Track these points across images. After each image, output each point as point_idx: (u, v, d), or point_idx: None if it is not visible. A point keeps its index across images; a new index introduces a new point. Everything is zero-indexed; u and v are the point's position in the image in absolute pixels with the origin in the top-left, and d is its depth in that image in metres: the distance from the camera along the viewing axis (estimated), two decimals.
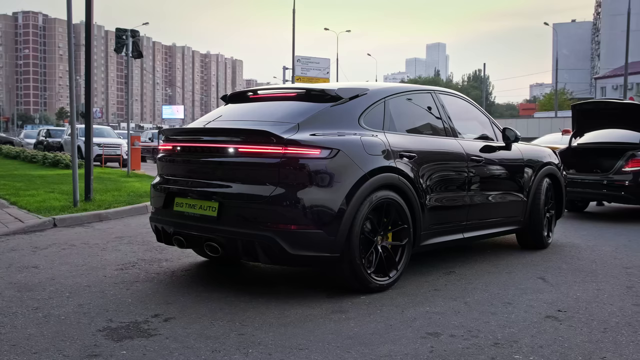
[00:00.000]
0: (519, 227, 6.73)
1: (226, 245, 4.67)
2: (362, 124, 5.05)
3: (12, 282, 5.00)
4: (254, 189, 4.56)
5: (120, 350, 3.49)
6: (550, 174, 7.18)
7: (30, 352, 3.45)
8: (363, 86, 5.44)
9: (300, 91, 5.27)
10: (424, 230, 5.34)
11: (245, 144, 4.64)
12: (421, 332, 3.92)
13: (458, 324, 4.10)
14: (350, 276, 4.74)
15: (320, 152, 4.55)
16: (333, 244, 4.56)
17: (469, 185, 5.92)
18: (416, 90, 5.97)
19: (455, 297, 4.77)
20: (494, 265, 5.97)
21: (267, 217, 4.50)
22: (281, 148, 4.48)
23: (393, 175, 5.00)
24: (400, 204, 5.03)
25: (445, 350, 3.59)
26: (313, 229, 4.50)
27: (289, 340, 3.73)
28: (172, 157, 5.24)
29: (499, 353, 3.56)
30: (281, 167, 4.48)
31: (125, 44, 17.65)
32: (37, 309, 4.29)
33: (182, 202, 5.00)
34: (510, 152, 6.59)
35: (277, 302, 4.55)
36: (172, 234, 5.02)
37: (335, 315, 4.25)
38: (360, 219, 4.67)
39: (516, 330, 3.97)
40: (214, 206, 4.73)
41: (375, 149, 4.94)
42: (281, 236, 4.44)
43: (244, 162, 4.64)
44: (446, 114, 6.01)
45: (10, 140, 36.71)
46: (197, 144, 5.02)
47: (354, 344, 3.68)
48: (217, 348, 3.56)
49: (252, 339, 3.73)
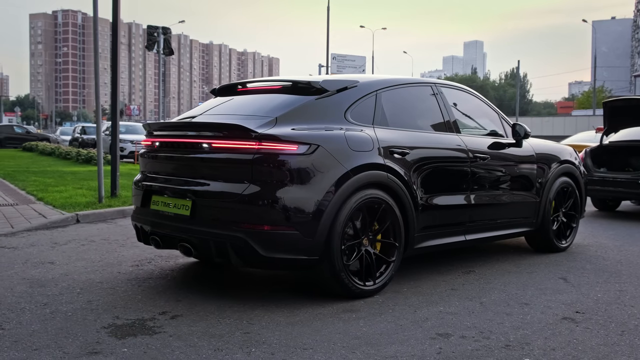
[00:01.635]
0: (531, 229, 6.29)
1: (199, 247, 4.45)
2: (349, 118, 4.75)
3: (25, 278, 5.03)
4: (226, 186, 4.31)
5: (122, 348, 3.46)
6: (566, 172, 6.71)
7: (31, 348, 3.44)
8: (353, 78, 5.13)
9: (286, 84, 4.99)
10: (418, 232, 5.02)
11: (219, 139, 4.42)
12: (431, 332, 3.82)
13: (471, 324, 3.99)
14: (331, 281, 4.46)
15: (297, 148, 4.27)
16: (311, 246, 4.29)
17: (472, 185, 5.55)
18: (414, 82, 5.62)
19: (471, 297, 4.65)
20: (515, 265, 5.82)
21: (238, 216, 4.25)
22: (255, 143, 4.23)
23: (381, 173, 4.69)
24: (390, 203, 4.73)
25: (453, 352, 3.49)
26: (288, 230, 4.23)
27: (295, 339, 3.66)
28: (151, 153, 5.03)
29: (509, 355, 3.44)
30: (254, 163, 4.22)
31: (157, 41, 17.81)
32: (45, 305, 4.30)
33: (158, 201, 4.80)
34: (521, 149, 6.16)
35: (288, 300, 4.49)
36: (149, 233, 4.82)
37: (346, 315, 4.17)
38: (342, 220, 4.39)
39: (529, 332, 3.85)
40: (187, 205, 4.50)
41: (361, 145, 4.63)
42: (253, 237, 4.18)
43: (217, 158, 4.42)
44: (447, 109, 5.64)
45: (46, 137, 37.33)
46: (173, 140, 4.83)
47: (361, 344, 3.60)
48: (220, 347, 3.51)
49: (257, 338, 3.67)
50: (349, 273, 4.47)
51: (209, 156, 4.46)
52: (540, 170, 6.34)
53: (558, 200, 6.61)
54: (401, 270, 5.43)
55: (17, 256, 5.88)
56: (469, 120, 6.07)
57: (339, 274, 4.41)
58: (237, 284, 4.99)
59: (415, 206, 4.94)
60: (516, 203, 6.08)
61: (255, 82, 5.37)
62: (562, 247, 6.55)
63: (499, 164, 5.88)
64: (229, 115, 4.82)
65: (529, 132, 6.15)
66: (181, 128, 4.95)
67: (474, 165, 5.56)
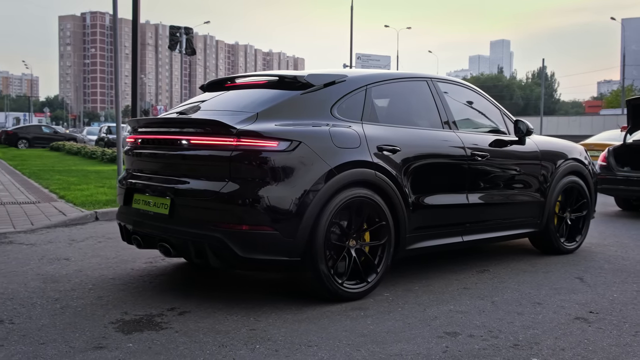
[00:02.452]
0: (535, 229, 6.03)
1: (177, 247, 4.34)
2: (336, 113, 4.57)
3: (40, 274, 5.08)
4: (204, 184, 4.18)
5: (127, 343, 3.47)
6: (574, 171, 6.41)
7: (38, 342, 3.47)
8: (342, 72, 4.94)
9: (273, 78, 4.83)
10: (410, 233, 4.82)
11: (197, 136, 4.28)
12: (439, 331, 3.78)
13: (480, 323, 3.94)
14: (315, 283, 4.29)
15: (277, 145, 4.11)
16: (292, 247, 4.13)
17: (470, 184, 5.34)
18: (407, 77, 5.41)
19: (483, 296, 4.59)
20: (531, 264, 5.74)
21: (216, 216, 4.12)
22: (233, 140, 4.07)
23: (368, 170, 4.50)
24: (378, 203, 4.54)
25: (459, 351, 3.44)
26: (267, 230, 4.06)
27: (300, 336, 3.64)
28: (134, 150, 4.90)
29: (516, 355, 3.39)
30: (232, 160, 4.07)
31: (179, 41, 17.92)
32: (56, 300, 4.34)
33: (140, 199, 4.68)
34: (524, 147, 5.90)
35: (297, 298, 4.46)
36: (131, 232, 4.73)
37: (354, 313, 4.14)
38: (325, 220, 4.22)
39: (540, 332, 3.78)
40: (166, 203, 4.37)
41: (347, 142, 4.44)
42: (231, 237, 4.02)
43: (195, 155, 4.28)
44: (444, 105, 5.40)
45: (73, 137, 37.81)
46: (154, 136, 4.70)
47: (366, 341, 3.57)
48: (224, 343, 3.51)
49: (263, 335, 3.66)
50: (333, 275, 4.31)
51: (188, 153, 4.33)
52: (544, 168, 6.08)
53: (565, 200, 6.37)
54: (413, 269, 5.40)
55: (34, 252, 5.95)
56: (468, 117, 5.92)
57: (323, 276, 4.24)
58: (247, 281, 4.98)
59: (406, 206, 4.75)
60: (519, 203, 5.86)
61: (244, 77, 5.19)
62: (568, 249, 6.29)
63: (499, 162, 5.66)
64: (211, 111, 4.71)
65: (531, 128, 5.90)
66: (162, 124, 4.82)
67: (472, 164, 5.34)
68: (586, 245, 6.73)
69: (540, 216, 6.02)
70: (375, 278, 4.57)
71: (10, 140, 36.25)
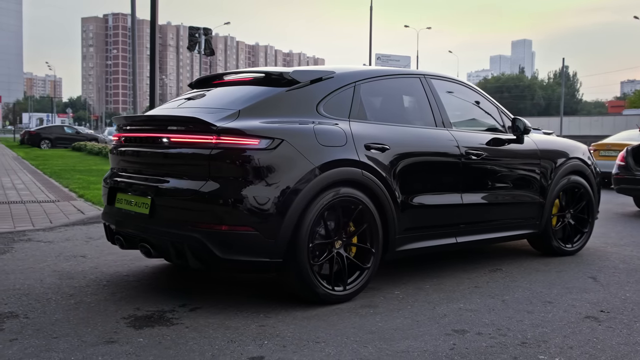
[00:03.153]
0: (534, 231, 5.85)
1: (157, 247, 4.26)
2: (322, 111, 4.45)
3: (56, 270, 5.17)
4: (183, 183, 4.09)
5: (138, 338, 3.53)
6: (575, 170, 6.21)
7: (51, 336, 3.54)
8: (329, 69, 4.80)
9: (259, 75, 4.70)
10: (400, 234, 4.68)
11: (177, 134, 4.19)
12: (447, 329, 3.79)
13: (489, 321, 3.94)
14: (298, 285, 4.18)
15: (258, 143, 3.99)
16: (273, 248, 4.01)
17: (465, 183, 5.19)
18: (399, 74, 5.28)
19: (493, 295, 4.59)
20: (544, 264, 5.72)
21: (195, 215, 4.02)
22: (213, 137, 3.97)
23: (355, 169, 4.37)
24: (365, 203, 4.41)
25: (467, 348, 3.45)
26: (247, 230, 3.94)
27: (309, 333, 3.68)
28: (118, 149, 4.83)
29: (523, 353, 3.39)
30: (212, 159, 3.97)
31: (198, 42, 18.03)
32: (71, 295, 4.41)
33: (122, 199, 4.59)
34: (522, 146, 5.73)
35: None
36: (114, 232, 4.67)
37: (363, 310, 4.16)
38: (309, 220, 4.10)
39: (549, 330, 3.78)
40: (147, 203, 4.27)
41: (332, 140, 4.32)
42: (210, 238, 3.92)
43: (175, 153, 4.20)
44: (437, 102, 5.25)
45: (95, 137, 38.23)
46: (136, 134, 4.62)
47: (374, 338, 3.59)
48: (234, 338, 3.55)
49: (272, 331, 3.69)
50: (317, 277, 4.19)
51: (168, 151, 4.25)
52: (544, 168, 5.90)
53: (566, 200, 6.19)
54: (425, 268, 5.41)
55: (52, 250, 6.04)
56: (464, 115, 5.83)
57: (306, 278, 4.13)
58: (259, 278, 5.02)
59: (395, 206, 4.61)
60: (516, 203, 5.68)
61: (231, 73, 5.07)
62: (568, 250, 6.12)
63: (495, 161, 5.50)
64: (194, 108, 4.57)
65: (529, 126, 5.73)
66: (144, 122, 4.73)
67: (467, 163, 5.19)
68: (601, 245, 6.69)
69: (539, 217, 5.86)
70: (362, 280, 4.44)
71: (33, 140, 36.74)
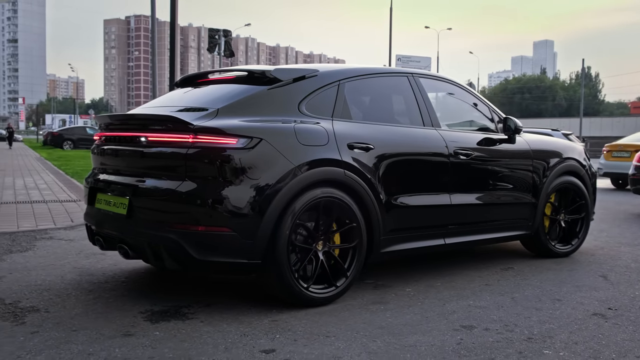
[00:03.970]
0: (527, 232, 5.75)
1: (135, 248, 4.20)
2: (304, 110, 4.38)
3: (76, 267, 5.32)
4: (160, 183, 4.04)
5: (154, 331, 3.65)
6: (570, 171, 6.11)
7: (71, 329, 3.67)
8: (313, 67, 4.72)
9: (241, 73, 4.66)
10: (385, 235, 4.61)
11: (155, 133, 4.12)
12: (455, 324, 3.86)
13: (497, 318, 4.01)
14: (278, 287, 4.12)
15: (236, 142, 3.92)
16: (251, 249, 3.94)
17: (453, 184, 5.09)
18: (385, 73, 5.18)
19: (503, 293, 4.65)
20: (556, 263, 5.77)
21: (171, 216, 3.96)
22: (189, 136, 3.90)
23: (336, 169, 4.29)
24: (348, 203, 4.34)
25: (473, 343, 3.53)
26: (224, 231, 3.88)
27: (320, 327, 3.77)
28: (99, 148, 4.74)
29: (529, 347, 3.46)
30: (188, 158, 3.90)
31: (218, 44, 18.21)
32: (90, 291, 4.55)
33: (102, 199, 4.54)
34: (513, 145, 5.63)
35: None
36: (95, 233, 4.63)
37: (374, 306, 4.25)
38: (289, 221, 4.04)
39: (555, 327, 3.84)
40: (124, 203, 4.21)
41: (313, 139, 4.25)
42: (186, 239, 3.86)
43: (152, 152, 4.13)
44: (425, 102, 5.15)
45: None
46: (115, 133, 4.53)
47: (383, 333, 3.68)
48: (246, 332, 3.66)
49: (284, 325, 3.80)
50: (297, 278, 4.13)
51: (146, 151, 4.18)
52: (536, 168, 5.80)
53: (559, 201, 6.12)
54: (437, 267, 5.49)
55: (72, 247, 6.20)
56: (453, 114, 5.78)
57: (286, 279, 4.06)
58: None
59: (380, 207, 4.54)
60: (508, 204, 5.59)
61: (216, 72, 5.01)
62: (562, 252, 6.03)
63: (486, 161, 5.40)
64: (175, 107, 4.49)
65: (520, 126, 5.63)
66: (124, 121, 4.66)
67: (455, 163, 5.09)
68: (615, 245, 6.72)
69: (531, 218, 5.77)
70: (345, 282, 4.38)
71: (56, 141, 37.28)
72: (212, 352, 3.34)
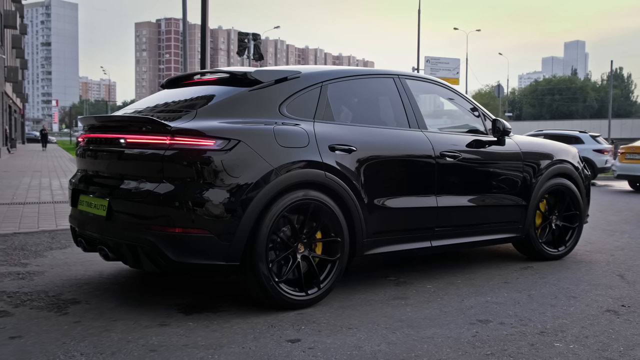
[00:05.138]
0: (517, 235, 5.72)
1: (114, 250, 4.21)
2: (284, 111, 4.37)
3: (113, 264, 5.57)
4: (138, 185, 4.04)
5: (188, 322, 3.92)
6: (562, 173, 6.06)
7: (110, 319, 3.96)
8: (296, 69, 4.72)
9: (224, 75, 4.65)
10: (369, 237, 4.59)
11: (133, 134, 4.11)
12: (472, 319, 4.06)
13: (512, 313, 4.19)
14: (257, 290, 4.10)
15: (214, 143, 3.91)
16: (229, 251, 3.93)
17: (440, 186, 5.05)
18: (371, 74, 5.15)
19: (521, 290, 4.83)
20: (575, 262, 5.91)
21: (149, 218, 3.96)
22: (167, 138, 3.89)
23: (317, 171, 4.27)
24: (329, 205, 4.32)
25: (488, 336, 3.72)
26: (201, 233, 3.87)
27: (343, 320, 4.00)
28: (81, 150, 4.73)
29: (540, 340, 3.65)
30: (166, 160, 3.89)
31: (247, 47, 18.54)
32: (127, 285, 4.84)
33: (84, 200, 4.52)
34: (503, 147, 5.60)
35: (345, 287, 4.81)
36: (77, 235, 4.66)
37: (395, 301, 4.46)
38: (268, 223, 4.03)
39: (568, 322, 4.01)
40: (104, 205, 4.20)
41: (292, 141, 4.23)
42: (164, 240, 3.86)
43: (131, 154, 4.12)
44: (412, 103, 5.11)
45: None
46: (97, 135, 4.49)
47: (403, 326, 3.89)
48: (274, 324, 3.90)
49: (309, 318, 4.03)
50: (276, 281, 4.12)
51: (124, 152, 4.17)
52: (526, 170, 5.76)
53: (551, 204, 6.09)
54: (458, 265, 5.69)
55: None
56: (441, 116, 5.76)
57: (265, 282, 4.05)
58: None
59: (363, 209, 4.53)
60: (497, 206, 5.54)
61: (200, 73, 5.00)
62: (553, 255, 6.00)
63: (473, 163, 5.36)
64: (156, 108, 4.50)
65: (508, 128, 5.56)
66: (104, 123, 4.61)
67: (441, 165, 5.06)
68: (636, 246, 6.83)
69: (522, 220, 5.73)
70: (327, 284, 4.37)
71: None
72: (242, 340, 3.59)
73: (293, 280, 4.26)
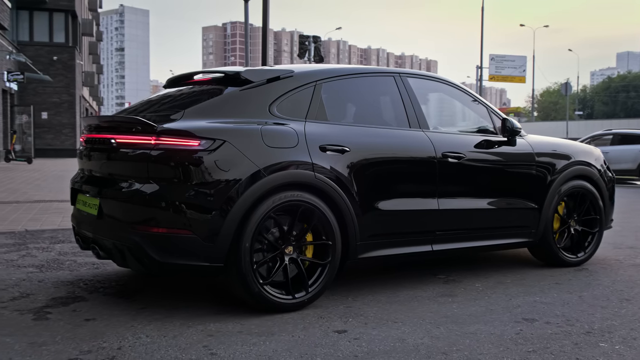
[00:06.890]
0: (529, 239, 5.48)
1: (104, 249, 4.24)
2: (275, 111, 4.32)
3: None
4: (126, 185, 4.08)
5: (242, 311, 4.15)
6: (581, 175, 5.77)
7: (172, 307, 4.25)
8: (289, 68, 4.67)
9: (217, 75, 4.65)
10: (363, 240, 4.48)
11: (122, 135, 4.14)
12: (518, 317, 4.11)
13: (560, 313, 4.22)
14: (243, 291, 4.05)
15: (199, 144, 3.90)
16: (212, 252, 3.91)
17: (442, 188, 4.90)
18: (370, 73, 5.02)
19: (572, 291, 4.83)
20: (634, 265, 5.81)
21: (134, 218, 3.97)
22: (152, 138, 3.90)
23: (306, 172, 4.20)
24: (319, 207, 4.23)
25: (532, 334, 3.77)
26: (184, 234, 3.87)
27: (389, 314, 4.13)
28: (81, 150, 4.80)
29: (585, 340, 3.67)
30: (152, 160, 3.91)
31: (308, 50, 18.81)
32: (185, 276, 5.06)
33: (81, 200, 4.60)
34: (514, 148, 5.37)
35: (393, 283, 4.94)
36: (75, 233, 4.76)
37: (442, 298, 4.56)
38: (254, 224, 3.98)
39: (617, 323, 4.01)
40: (96, 204, 4.26)
41: (280, 141, 4.18)
42: (148, 240, 3.87)
43: (119, 154, 4.17)
44: (413, 102, 4.96)
45: None
46: (92, 136, 4.52)
47: (447, 322, 3.99)
48: (323, 315, 4.08)
49: (357, 311, 4.18)
50: (261, 283, 4.05)
51: (114, 153, 4.21)
52: (540, 172, 5.51)
53: (570, 207, 5.80)
54: (509, 265, 5.72)
55: None
56: (447, 116, 5.69)
57: (250, 284, 3.99)
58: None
59: (356, 211, 4.41)
60: (505, 209, 5.33)
61: (199, 73, 4.96)
62: (572, 261, 5.72)
63: (479, 164, 5.18)
64: (150, 109, 4.52)
65: (517, 127, 5.35)
66: (98, 124, 4.62)
67: (444, 166, 4.90)
68: None
69: (535, 225, 5.48)
70: (316, 288, 4.28)
71: None
72: (292, 329, 3.78)
73: (280, 282, 4.19)
